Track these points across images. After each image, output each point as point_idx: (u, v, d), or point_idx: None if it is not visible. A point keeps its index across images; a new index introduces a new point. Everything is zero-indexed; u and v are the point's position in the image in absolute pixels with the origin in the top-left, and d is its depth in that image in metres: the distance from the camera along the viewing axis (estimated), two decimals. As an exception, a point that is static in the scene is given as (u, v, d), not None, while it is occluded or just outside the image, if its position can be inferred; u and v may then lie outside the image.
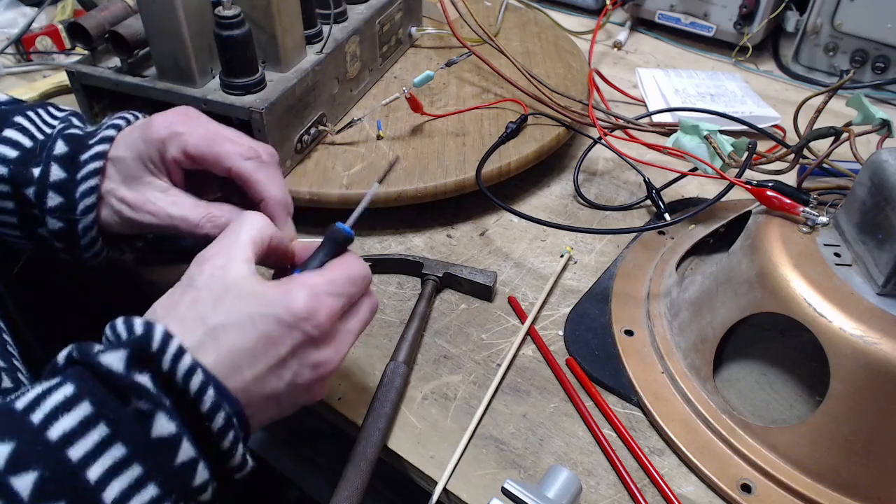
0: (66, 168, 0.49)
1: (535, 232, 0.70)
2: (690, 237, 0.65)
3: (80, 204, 0.49)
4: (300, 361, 0.40)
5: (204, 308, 0.37)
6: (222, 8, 0.59)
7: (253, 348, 0.38)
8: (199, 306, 0.38)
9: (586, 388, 0.55)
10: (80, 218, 0.49)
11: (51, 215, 0.49)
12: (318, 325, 0.39)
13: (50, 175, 0.49)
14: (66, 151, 0.50)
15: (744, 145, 0.61)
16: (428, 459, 0.50)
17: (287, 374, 0.39)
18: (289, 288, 0.39)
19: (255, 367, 0.38)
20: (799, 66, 1.01)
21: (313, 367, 0.40)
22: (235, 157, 0.48)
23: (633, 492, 0.48)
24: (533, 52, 0.90)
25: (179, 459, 0.34)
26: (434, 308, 0.62)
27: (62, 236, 0.50)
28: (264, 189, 0.48)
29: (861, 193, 0.48)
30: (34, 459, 0.31)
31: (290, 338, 0.39)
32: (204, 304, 0.38)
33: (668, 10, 1.08)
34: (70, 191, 0.49)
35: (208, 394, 0.35)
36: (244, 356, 0.37)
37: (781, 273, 0.48)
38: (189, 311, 0.38)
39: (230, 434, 0.36)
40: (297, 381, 0.40)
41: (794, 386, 0.52)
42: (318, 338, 0.40)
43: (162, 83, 0.64)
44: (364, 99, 0.80)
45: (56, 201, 0.49)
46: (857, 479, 0.46)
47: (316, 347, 0.40)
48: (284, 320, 0.38)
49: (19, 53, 0.94)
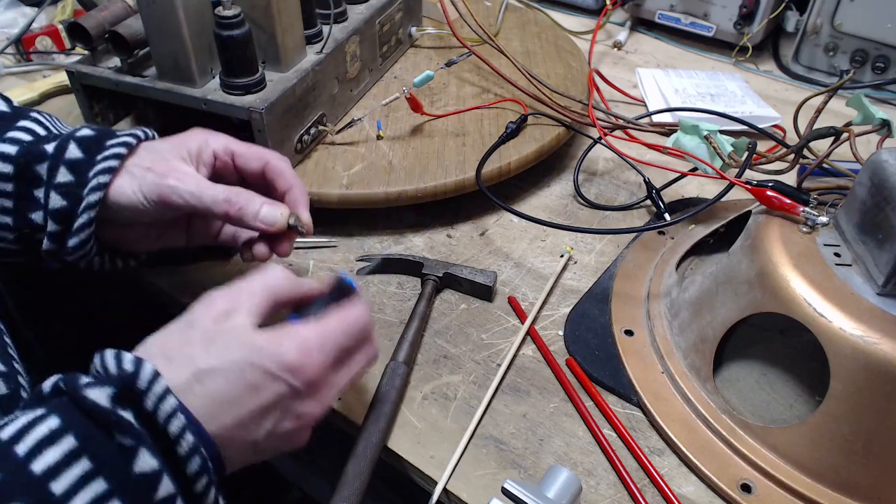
0: (86, 150, 0.49)
1: (535, 232, 0.70)
2: (690, 237, 0.65)
3: (93, 181, 0.48)
4: (283, 412, 0.40)
5: (195, 350, 0.38)
6: (222, 8, 0.59)
7: (237, 396, 0.38)
8: (191, 348, 0.38)
9: (586, 388, 0.55)
10: (85, 196, 0.48)
11: (56, 190, 0.48)
12: (304, 379, 0.40)
13: (66, 152, 0.49)
14: (91, 135, 0.50)
15: (744, 145, 0.61)
16: (428, 459, 0.50)
17: (268, 424, 0.40)
18: (280, 339, 0.40)
19: (237, 414, 0.38)
20: (799, 66, 1.01)
21: (296, 418, 0.41)
22: (269, 153, 0.53)
23: (633, 492, 0.48)
24: (533, 52, 0.90)
25: (159, 495, 0.34)
26: (434, 308, 0.62)
27: (58, 216, 0.48)
28: (294, 179, 0.53)
29: (861, 193, 0.48)
30: (18, 492, 0.31)
31: (274, 389, 0.39)
32: (196, 347, 0.38)
33: (668, 10, 1.08)
34: (84, 170, 0.48)
35: (186, 438, 0.35)
36: (227, 402, 0.38)
37: (781, 273, 0.48)
38: (180, 350, 0.38)
39: (203, 478, 0.36)
40: (278, 430, 0.40)
41: (794, 386, 0.52)
42: (303, 391, 0.40)
43: (162, 83, 0.64)
44: (364, 99, 0.80)
45: (66, 178, 0.48)
46: (857, 479, 0.46)
47: (300, 399, 0.40)
48: (271, 371, 0.39)
49: (19, 53, 0.94)
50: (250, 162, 0.53)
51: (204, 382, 0.37)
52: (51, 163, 0.49)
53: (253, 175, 0.53)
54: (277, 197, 0.52)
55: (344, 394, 0.54)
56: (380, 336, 0.59)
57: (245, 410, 0.38)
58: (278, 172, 0.53)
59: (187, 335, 0.39)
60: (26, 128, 0.52)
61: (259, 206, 0.50)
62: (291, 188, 0.53)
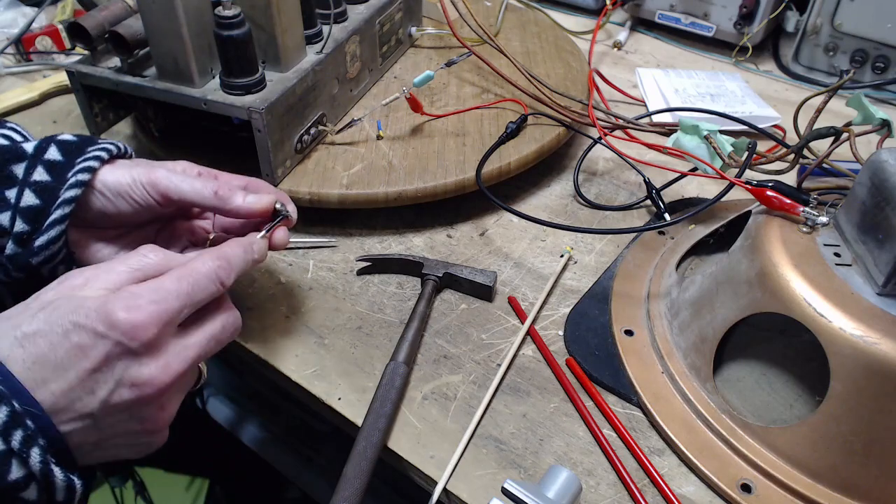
0: (66, 153, 0.49)
1: (535, 232, 0.70)
2: (690, 237, 0.65)
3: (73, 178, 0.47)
4: (115, 376, 0.37)
5: (23, 318, 0.37)
6: (222, 8, 0.59)
7: (62, 358, 0.36)
8: (21, 316, 0.37)
9: (586, 388, 0.55)
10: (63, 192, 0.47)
11: (31, 188, 0.47)
12: (135, 336, 0.37)
13: (46, 153, 0.49)
14: (72, 140, 0.50)
15: (744, 145, 0.61)
16: (428, 459, 0.50)
17: (101, 391, 0.37)
18: (108, 298, 0.37)
19: (65, 379, 0.36)
20: (799, 66, 1.01)
21: (132, 386, 0.37)
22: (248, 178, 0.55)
23: (633, 492, 0.48)
24: (533, 52, 0.90)
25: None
26: (434, 308, 0.62)
27: (30, 214, 0.47)
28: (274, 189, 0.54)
29: (861, 193, 0.48)
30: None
31: (102, 348, 0.36)
32: (25, 314, 0.37)
33: (668, 10, 1.08)
34: (62, 172, 0.48)
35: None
36: (51, 366, 0.36)
37: (781, 273, 0.48)
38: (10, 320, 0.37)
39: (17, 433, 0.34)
40: (114, 400, 0.37)
41: (794, 386, 0.52)
42: (135, 350, 0.37)
43: (162, 83, 0.64)
44: (364, 99, 0.80)
45: (43, 177, 0.48)
46: (857, 479, 0.46)
47: (135, 361, 0.37)
48: (96, 330, 0.36)
49: (19, 53, 0.94)
50: (233, 180, 0.54)
51: (25, 346, 0.36)
52: (29, 162, 0.48)
53: None
54: None
55: (344, 394, 0.54)
56: (380, 336, 0.59)
57: (73, 375, 0.36)
58: (260, 185, 0.54)
59: (25, 305, 0.38)
60: (3, 134, 0.52)
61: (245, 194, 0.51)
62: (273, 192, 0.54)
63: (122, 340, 0.37)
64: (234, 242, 0.46)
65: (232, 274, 0.44)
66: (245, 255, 0.46)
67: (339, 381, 0.55)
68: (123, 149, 0.52)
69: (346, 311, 0.61)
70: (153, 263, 0.41)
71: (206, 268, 0.42)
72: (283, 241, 0.52)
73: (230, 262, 0.44)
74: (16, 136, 0.53)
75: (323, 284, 0.64)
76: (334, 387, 0.55)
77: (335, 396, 0.54)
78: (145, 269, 0.41)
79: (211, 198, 0.50)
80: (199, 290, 0.41)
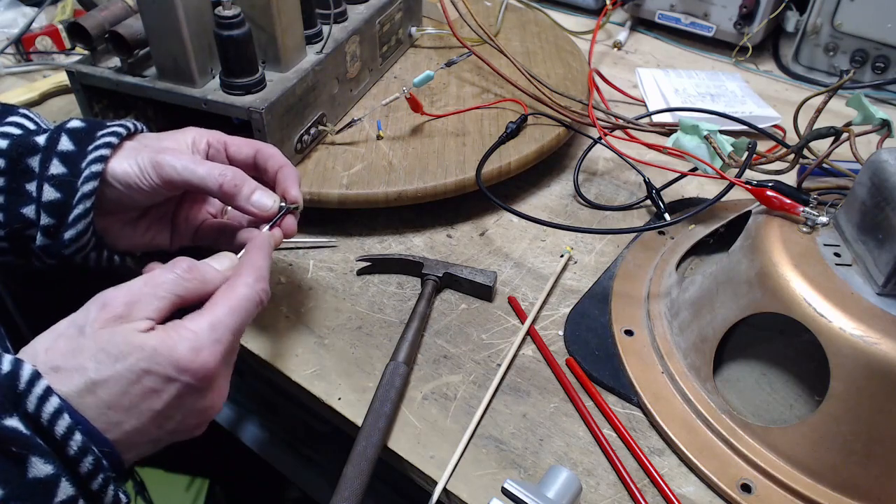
0: (77, 142, 0.49)
1: (535, 232, 0.70)
2: (690, 237, 0.65)
3: (87, 170, 0.48)
4: (182, 410, 0.40)
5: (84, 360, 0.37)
6: (222, 8, 0.59)
7: (135, 403, 0.37)
8: (80, 357, 0.37)
9: (586, 388, 0.55)
10: (80, 186, 0.48)
11: (49, 182, 0.48)
12: (201, 377, 0.39)
13: (58, 144, 0.49)
14: (81, 127, 0.50)
15: (744, 145, 0.61)
16: (428, 459, 0.50)
17: (169, 424, 0.39)
18: (171, 340, 0.38)
19: (138, 420, 0.38)
20: (799, 66, 1.01)
21: (198, 414, 0.41)
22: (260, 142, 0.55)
23: (633, 492, 0.48)
24: (533, 52, 0.90)
25: (58, 499, 0.34)
26: (434, 308, 0.62)
27: (53, 209, 0.48)
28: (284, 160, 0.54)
29: (861, 193, 0.48)
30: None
31: (172, 391, 0.38)
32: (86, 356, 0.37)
33: (668, 10, 1.08)
34: (76, 162, 0.48)
35: (75, 438, 0.35)
36: (125, 410, 0.37)
37: (781, 273, 0.48)
38: (69, 360, 0.37)
39: (99, 477, 0.36)
40: (179, 427, 0.40)
41: (794, 386, 0.52)
42: (202, 388, 0.40)
43: (162, 83, 0.64)
44: (364, 99, 0.80)
45: (59, 169, 0.48)
46: (857, 479, 0.46)
47: (201, 395, 0.40)
48: (167, 375, 0.38)
49: (19, 53, 0.94)
50: (242, 149, 0.54)
51: (97, 393, 0.37)
52: (43, 155, 0.48)
53: (245, 164, 0.54)
54: (269, 179, 0.53)
55: (344, 394, 0.54)
56: (380, 336, 0.59)
57: (146, 416, 0.38)
58: (269, 155, 0.53)
59: (77, 342, 0.38)
60: (16, 122, 0.52)
61: (253, 188, 0.50)
62: (283, 167, 0.53)
63: (192, 382, 0.39)
64: (259, 252, 0.46)
65: (268, 288, 0.45)
66: (269, 258, 0.47)
67: (339, 381, 0.55)
68: (132, 128, 0.52)
69: (346, 311, 0.61)
70: (192, 285, 0.42)
71: (252, 293, 0.43)
72: (291, 231, 0.53)
73: (265, 277, 0.45)
74: (28, 122, 0.53)
75: (323, 284, 0.64)
76: (334, 387, 0.55)
77: (335, 396, 0.54)
78: (185, 293, 0.42)
79: (216, 191, 0.50)
80: (248, 318, 0.43)
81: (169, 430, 0.40)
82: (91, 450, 0.35)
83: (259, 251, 0.46)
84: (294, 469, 1.04)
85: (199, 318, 0.40)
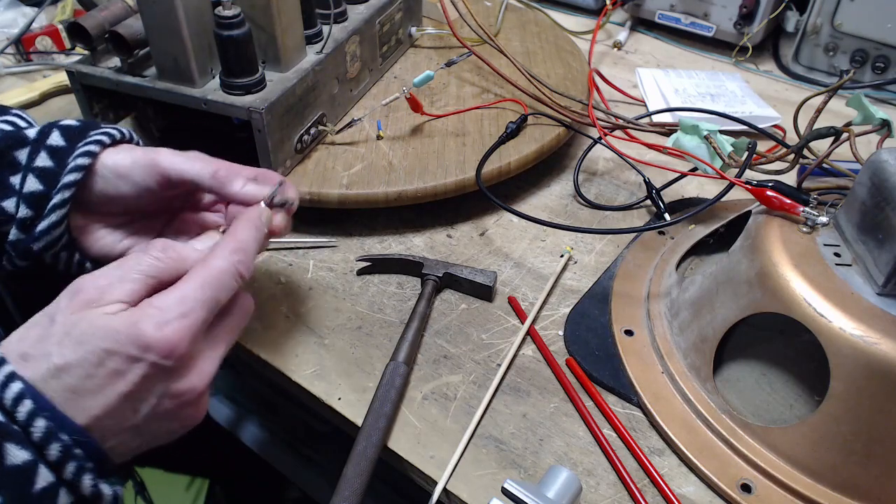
0: (68, 138, 0.49)
1: (535, 232, 0.70)
2: (690, 237, 0.65)
3: (73, 162, 0.47)
4: (155, 393, 0.38)
5: (50, 346, 0.36)
6: (222, 8, 0.59)
7: (99, 385, 0.36)
8: (47, 343, 0.37)
9: (586, 388, 0.55)
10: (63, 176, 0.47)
11: (34, 173, 0.47)
12: (166, 353, 0.37)
13: (49, 139, 0.48)
14: (74, 125, 0.50)
15: (744, 145, 0.61)
16: (428, 459, 0.50)
17: (143, 408, 0.38)
18: (135, 318, 0.37)
19: (105, 403, 0.37)
20: (799, 66, 1.01)
21: (173, 397, 0.39)
22: None
23: (633, 492, 0.48)
24: (533, 52, 0.90)
25: (38, 486, 0.33)
26: (434, 308, 0.62)
27: (33, 200, 0.47)
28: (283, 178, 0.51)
29: (861, 193, 0.48)
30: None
31: (138, 371, 0.37)
32: (52, 341, 0.37)
33: (668, 10, 1.08)
34: (64, 157, 0.48)
35: (37, 424, 0.34)
36: (90, 393, 0.36)
37: (781, 273, 0.48)
38: (36, 347, 0.37)
39: (71, 464, 0.35)
40: (156, 411, 0.38)
41: (794, 386, 0.52)
42: (171, 367, 0.38)
43: (162, 83, 0.64)
44: (364, 99, 0.80)
45: (46, 163, 0.47)
46: (857, 479, 0.46)
47: (172, 376, 0.38)
48: (130, 354, 0.37)
49: (19, 53, 0.94)
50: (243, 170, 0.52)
51: (61, 378, 0.36)
52: (32, 147, 0.48)
53: None
54: None
55: (344, 394, 0.54)
56: (380, 336, 0.59)
57: (113, 399, 0.37)
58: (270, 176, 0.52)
59: (47, 330, 0.37)
60: (7, 121, 0.52)
61: (247, 178, 0.49)
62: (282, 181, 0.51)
63: (158, 361, 0.37)
64: (243, 223, 0.45)
65: (250, 263, 0.43)
66: (257, 233, 0.45)
67: (339, 381, 0.55)
68: (127, 134, 0.52)
69: (346, 311, 0.61)
70: (167, 266, 0.41)
71: (227, 264, 0.41)
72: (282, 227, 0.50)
73: (247, 251, 0.43)
74: (20, 122, 0.53)
75: (323, 284, 0.64)
76: (334, 387, 0.55)
77: (335, 396, 0.54)
78: (160, 274, 0.40)
79: (208, 178, 0.49)
80: (223, 292, 0.41)
81: (146, 415, 0.38)
82: (56, 436, 0.34)
83: (244, 223, 0.45)
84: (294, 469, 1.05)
85: (167, 294, 0.39)
